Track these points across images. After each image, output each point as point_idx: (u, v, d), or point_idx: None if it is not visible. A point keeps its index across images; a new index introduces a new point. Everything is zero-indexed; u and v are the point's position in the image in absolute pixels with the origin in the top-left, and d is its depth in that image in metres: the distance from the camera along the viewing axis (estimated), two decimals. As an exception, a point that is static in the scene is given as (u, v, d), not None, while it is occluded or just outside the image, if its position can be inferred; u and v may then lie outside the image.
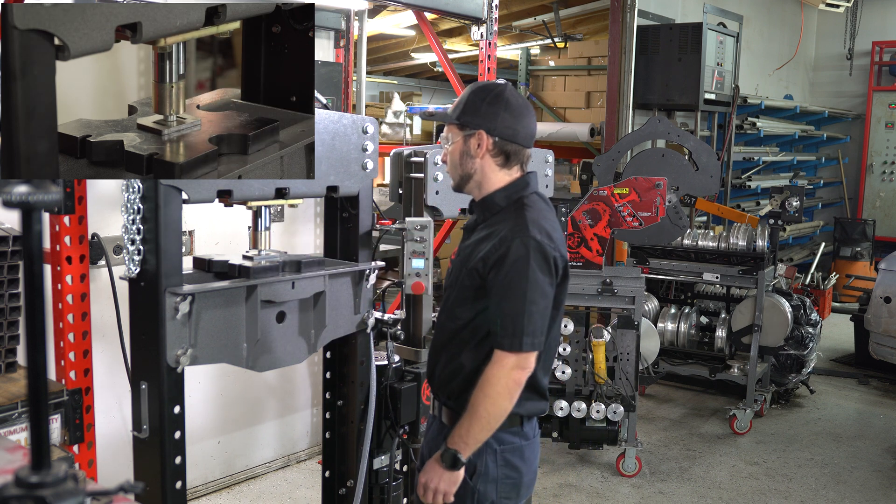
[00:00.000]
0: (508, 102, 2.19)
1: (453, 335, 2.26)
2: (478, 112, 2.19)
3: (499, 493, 2.24)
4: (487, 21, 3.82)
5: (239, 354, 2.26)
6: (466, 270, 2.20)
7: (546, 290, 2.12)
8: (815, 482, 4.71)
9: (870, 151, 11.10)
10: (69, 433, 2.62)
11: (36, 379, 0.99)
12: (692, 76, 6.92)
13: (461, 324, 2.23)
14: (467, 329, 2.22)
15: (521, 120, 2.21)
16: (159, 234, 2.06)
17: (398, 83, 11.99)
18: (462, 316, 2.23)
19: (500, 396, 2.09)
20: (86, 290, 2.67)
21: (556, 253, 2.13)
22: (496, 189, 2.23)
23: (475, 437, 2.12)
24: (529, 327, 2.08)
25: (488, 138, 2.18)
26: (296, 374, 4.61)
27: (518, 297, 2.08)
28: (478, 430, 2.11)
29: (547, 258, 2.11)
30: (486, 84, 2.27)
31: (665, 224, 4.76)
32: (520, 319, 2.08)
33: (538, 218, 2.17)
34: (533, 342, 2.09)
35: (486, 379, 2.10)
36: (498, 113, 2.17)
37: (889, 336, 5.95)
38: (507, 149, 2.20)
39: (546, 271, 2.11)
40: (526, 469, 2.28)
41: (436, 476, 2.15)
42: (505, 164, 2.22)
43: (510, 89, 2.23)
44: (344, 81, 4.85)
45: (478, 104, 2.19)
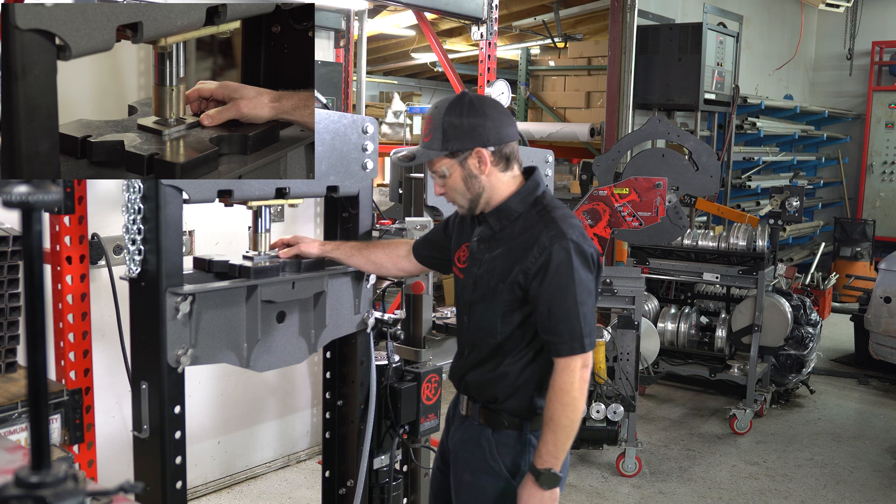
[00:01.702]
0: (479, 109, 2.14)
1: (496, 349, 2.23)
2: (461, 132, 2.12)
3: None
4: (487, 21, 3.82)
5: (239, 354, 2.26)
6: (505, 285, 2.16)
7: (591, 288, 2.15)
8: (815, 482, 4.71)
9: (870, 151, 11.10)
10: (69, 433, 2.62)
11: (36, 379, 0.99)
12: (692, 76, 6.92)
13: (503, 338, 2.21)
14: (511, 341, 2.21)
15: (498, 118, 2.16)
16: (160, 234, 2.06)
17: (398, 83, 11.99)
18: (504, 331, 2.20)
19: (576, 401, 2.09)
20: (86, 290, 2.67)
21: (593, 249, 2.15)
22: (508, 196, 2.20)
23: (563, 448, 2.12)
24: (586, 328, 2.10)
25: (486, 152, 2.14)
26: (296, 374, 4.61)
27: (569, 301, 2.08)
28: (564, 440, 2.11)
29: (587, 257, 2.12)
30: (449, 101, 2.17)
31: (665, 224, 4.75)
32: (576, 323, 2.08)
33: (567, 217, 2.17)
34: (592, 341, 2.12)
35: (560, 388, 2.09)
36: (479, 123, 2.12)
37: (889, 336, 5.95)
38: (504, 151, 2.17)
39: (588, 270, 2.13)
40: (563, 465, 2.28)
41: (537, 501, 2.12)
42: (507, 167, 2.19)
43: (471, 95, 2.18)
44: (344, 81, 4.85)
45: (456, 125, 2.12)
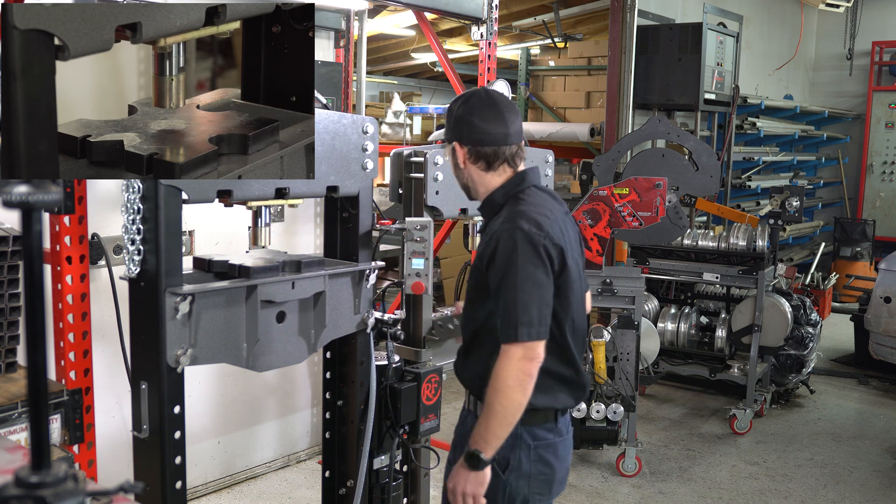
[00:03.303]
0: (474, 108, 2.23)
1: (474, 336, 2.30)
2: (450, 126, 2.28)
3: (531, 489, 2.25)
4: (487, 21, 3.82)
5: (239, 354, 2.26)
6: (471, 270, 2.28)
7: (539, 278, 2.11)
8: (815, 482, 4.71)
9: (870, 151, 11.10)
10: (69, 433, 2.62)
11: (36, 379, 0.99)
12: (692, 76, 6.92)
13: (478, 325, 2.26)
14: (484, 329, 2.24)
15: (490, 122, 2.22)
16: (159, 234, 2.06)
17: (398, 83, 11.99)
18: (477, 317, 2.26)
19: (511, 389, 2.07)
20: (86, 290, 2.67)
21: (546, 241, 2.13)
22: (494, 189, 2.28)
23: (494, 434, 2.10)
24: (524, 317, 2.07)
25: (461, 148, 2.25)
26: (296, 374, 4.61)
27: (510, 289, 2.09)
28: (496, 427, 2.09)
29: (535, 246, 2.11)
30: (459, 95, 2.31)
31: (665, 224, 4.76)
32: (513, 310, 2.08)
33: (529, 209, 2.18)
34: (530, 332, 2.07)
35: (496, 374, 2.10)
36: (465, 121, 2.23)
37: (889, 336, 5.95)
38: (483, 152, 2.23)
39: (536, 260, 2.11)
40: (559, 466, 2.30)
41: (462, 479, 2.14)
42: (489, 168, 2.26)
43: (478, 94, 2.26)
44: (344, 81, 4.85)
45: (450, 118, 2.28)
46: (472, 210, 3.06)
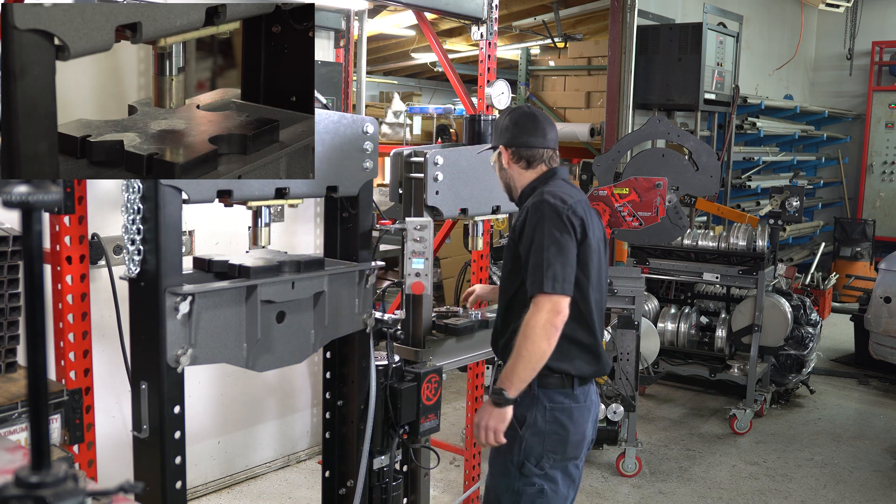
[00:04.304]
0: (517, 121, 2.65)
1: (507, 307, 2.59)
2: (497, 134, 2.72)
3: (545, 446, 2.49)
4: (487, 21, 3.81)
5: (239, 354, 2.26)
6: (505, 245, 2.61)
7: (563, 242, 2.38)
8: (815, 482, 4.71)
9: (870, 151, 11.10)
10: (69, 433, 2.61)
11: (36, 379, 0.99)
12: (692, 76, 6.92)
13: (510, 294, 2.56)
14: (516, 300, 2.51)
15: (529, 129, 2.63)
16: (159, 234, 2.06)
17: (398, 83, 11.98)
18: (509, 288, 2.57)
19: (538, 337, 2.32)
20: (86, 290, 2.66)
21: (569, 212, 2.42)
22: (528, 183, 2.64)
23: (519, 377, 2.35)
24: (549, 272, 2.33)
25: (506, 151, 2.65)
26: (296, 374, 4.61)
27: (538, 251, 2.37)
28: (521, 370, 2.34)
29: (560, 214, 2.41)
30: (504, 110, 2.89)
31: (665, 224, 4.75)
32: (541, 267, 2.35)
33: (554, 189, 2.51)
34: (555, 285, 2.33)
35: (525, 322, 2.35)
36: (509, 129, 2.65)
37: (889, 336, 5.95)
38: (524, 154, 2.62)
39: (560, 226, 2.40)
40: (574, 429, 2.52)
41: (486, 414, 2.40)
42: (528, 167, 2.64)
43: (521, 109, 2.70)
44: (344, 81, 4.84)
45: (497, 129, 2.72)
46: (473, 210, 3.07)
